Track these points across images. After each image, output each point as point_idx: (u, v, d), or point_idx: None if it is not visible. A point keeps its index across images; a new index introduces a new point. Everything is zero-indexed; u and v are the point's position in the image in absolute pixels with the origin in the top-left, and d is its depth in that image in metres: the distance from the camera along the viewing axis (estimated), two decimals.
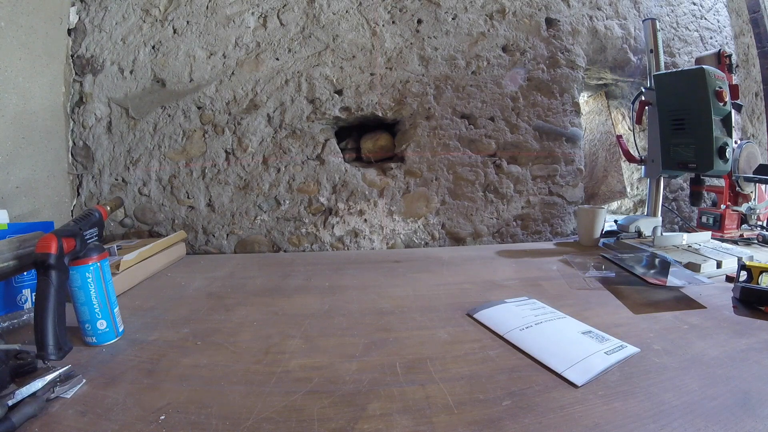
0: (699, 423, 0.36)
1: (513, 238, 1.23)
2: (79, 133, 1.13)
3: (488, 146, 1.20)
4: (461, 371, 0.47)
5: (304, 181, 1.15)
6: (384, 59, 1.16)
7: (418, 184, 1.18)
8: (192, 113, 1.14)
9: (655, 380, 0.43)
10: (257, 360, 0.50)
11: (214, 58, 1.13)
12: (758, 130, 1.45)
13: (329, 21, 1.14)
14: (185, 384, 0.45)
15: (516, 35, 1.21)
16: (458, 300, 0.70)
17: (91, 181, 1.15)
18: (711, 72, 0.91)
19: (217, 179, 1.15)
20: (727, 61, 1.06)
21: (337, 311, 0.66)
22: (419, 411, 0.39)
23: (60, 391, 0.42)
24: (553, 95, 1.23)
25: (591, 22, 1.27)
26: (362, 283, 0.81)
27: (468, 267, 0.92)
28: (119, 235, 1.16)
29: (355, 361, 0.49)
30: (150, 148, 1.14)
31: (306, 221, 1.16)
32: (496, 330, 0.57)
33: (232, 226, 1.16)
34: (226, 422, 0.38)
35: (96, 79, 1.12)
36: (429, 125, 1.18)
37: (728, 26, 1.48)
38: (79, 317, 0.54)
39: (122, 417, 0.39)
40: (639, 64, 1.33)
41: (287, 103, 1.14)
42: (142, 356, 0.52)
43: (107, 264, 0.57)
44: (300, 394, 0.42)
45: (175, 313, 0.67)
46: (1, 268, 0.53)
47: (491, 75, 1.20)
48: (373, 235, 1.18)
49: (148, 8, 1.13)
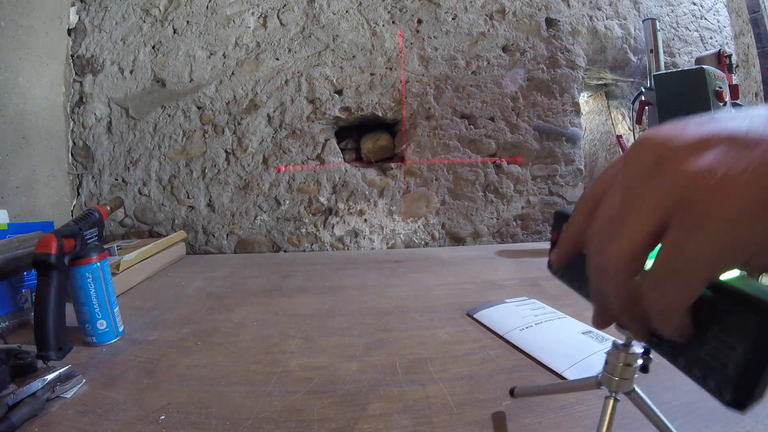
0: (699, 423, 0.36)
1: (513, 238, 1.23)
2: (79, 133, 1.13)
3: (488, 146, 1.20)
4: (461, 371, 0.47)
5: (304, 181, 1.15)
6: (384, 59, 1.16)
7: (418, 184, 1.18)
8: (192, 113, 1.14)
9: (655, 380, 0.43)
10: (257, 360, 0.50)
11: (214, 58, 1.13)
12: None
13: (329, 21, 1.14)
14: (185, 384, 0.45)
15: (516, 35, 1.21)
16: (458, 300, 0.70)
17: (91, 181, 1.15)
18: (711, 72, 0.91)
19: (217, 179, 1.15)
20: (727, 61, 1.06)
21: (337, 311, 0.66)
22: (419, 411, 0.39)
23: (60, 391, 0.42)
24: (553, 95, 1.23)
25: (591, 22, 1.27)
26: (362, 283, 0.81)
27: (468, 267, 0.92)
28: (119, 235, 1.16)
29: (355, 361, 0.49)
30: (150, 148, 1.14)
31: (306, 221, 1.16)
32: (496, 330, 0.57)
33: (232, 226, 1.16)
34: (226, 422, 0.38)
35: (96, 79, 1.12)
36: (429, 125, 1.18)
37: (728, 26, 1.48)
38: (79, 317, 0.54)
39: (122, 417, 0.39)
40: (639, 64, 1.33)
41: (287, 103, 1.14)
42: (142, 356, 0.52)
43: (107, 264, 0.57)
44: (300, 394, 0.42)
45: (175, 313, 0.67)
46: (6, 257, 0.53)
47: (491, 75, 1.20)
48: (373, 235, 1.18)
49: (148, 8, 1.13)
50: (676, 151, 0.17)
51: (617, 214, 0.19)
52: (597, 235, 0.20)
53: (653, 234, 0.17)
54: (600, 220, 0.20)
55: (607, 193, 0.20)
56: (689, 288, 0.17)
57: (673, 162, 0.17)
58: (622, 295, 0.19)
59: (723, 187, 0.15)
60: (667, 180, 0.17)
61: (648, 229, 0.17)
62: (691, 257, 0.16)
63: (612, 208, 0.19)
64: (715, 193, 0.15)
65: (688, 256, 0.16)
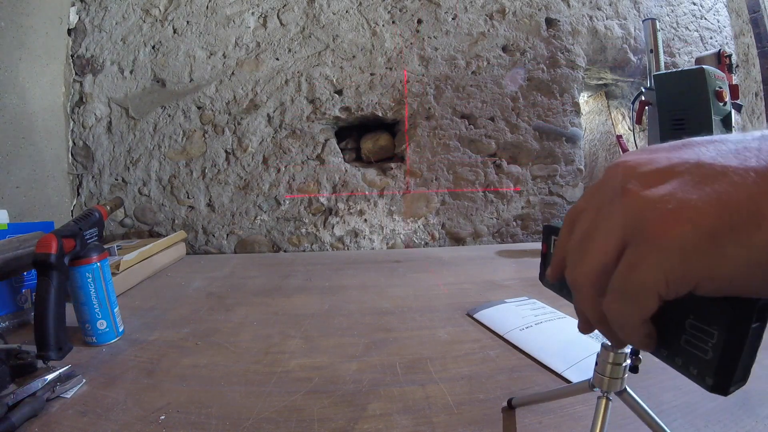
0: (699, 423, 0.36)
1: (513, 238, 1.23)
2: (79, 133, 1.13)
3: (488, 146, 1.20)
4: (461, 371, 0.47)
5: (304, 181, 1.15)
6: (384, 59, 1.16)
7: (418, 184, 1.18)
8: (192, 113, 1.14)
9: (655, 380, 0.43)
10: (257, 360, 0.50)
11: (214, 58, 1.13)
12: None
13: (329, 21, 1.14)
14: (185, 384, 0.45)
15: (516, 35, 1.21)
16: (458, 300, 0.70)
17: (91, 181, 1.15)
18: (711, 72, 0.91)
19: (217, 179, 1.15)
20: (727, 61, 1.06)
21: (337, 311, 0.66)
22: (419, 411, 0.39)
23: (60, 391, 0.42)
24: (553, 95, 1.23)
25: (591, 22, 1.27)
26: (362, 283, 0.81)
27: (468, 267, 0.92)
28: (119, 235, 1.16)
29: (355, 361, 0.49)
30: (150, 148, 1.14)
31: (306, 221, 1.16)
32: (496, 330, 0.57)
33: (232, 226, 1.16)
34: (226, 422, 0.38)
35: (96, 79, 1.12)
36: (429, 125, 1.18)
37: (728, 26, 1.48)
38: (79, 317, 0.54)
39: (122, 417, 0.39)
40: (639, 64, 1.33)
41: (287, 103, 1.14)
42: (142, 356, 0.52)
43: (107, 264, 0.57)
44: (300, 394, 0.42)
45: (175, 313, 0.67)
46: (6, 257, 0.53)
47: (491, 75, 1.20)
48: (373, 235, 1.18)
49: (148, 8, 1.12)
50: (641, 176, 0.18)
51: (587, 233, 0.20)
52: (570, 253, 0.21)
53: (615, 254, 0.18)
54: (574, 238, 0.21)
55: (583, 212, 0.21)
56: (642, 306, 0.18)
57: (636, 187, 0.18)
58: (595, 309, 0.20)
59: (673, 217, 0.16)
60: (629, 204, 0.18)
61: (609, 249, 0.18)
62: (641, 280, 0.17)
63: (582, 228, 0.21)
64: (666, 222, 0.16)
65: (640, 279, 0.17)
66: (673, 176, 0.17)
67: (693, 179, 0.16)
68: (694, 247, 0.15)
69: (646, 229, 0.17)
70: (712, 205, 0.15)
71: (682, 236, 0.16)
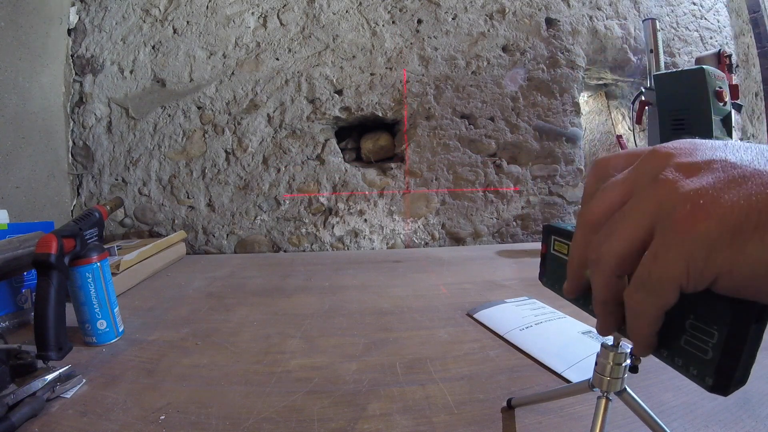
0: (699, 423, 0.36)
1: (513, 238, 1.23)
2: (79, 133, 1.13)
3: (488, 146, 1.20)
4: (461, 371, 0.47)
5: (304, 181, 1.15)
6: (384, 59, 1.16)
7: (418, 184, 1.18)
8: (192, 113, 1.14)
9: (655, 380, 0.43)
10: (257, 360, 0.50)
11: (214, 58, 1.13)
12: (758, 130, 1.45)
13: (329, 21, 1.14)
14: (185, 384, 0.45)
15: (516, 35, 1.21)
16: (458, 300, 0.70)
17: (91, 181, 1.15)
18: (711, 72, 0.91)
19: (217, 179, 1.15)
20: (727, 61, 1.06)
21: (337, 311, 0.66)
22: (419, 411, 0.39)
23: (60, 391, 0.42)
24: (553, 95, 1.23)
25: (591, 22, 1.27)
26: (362, 283, 0.81)
27: (468, 267, 0.92)
28: (119, 235, 1.16)
29: (355, 361, 0.49)
30: (150, 148, 1.14)
31: (306, 221, 1.16)
32: (496, 330, 0.57)
33: (232, 226, 1.16)
34: (226, 422, 0.38)
35: (96, 79, 1.12)
36: (429, 125, 1.18)
37: (728, 26, 1.48)
38: (79, 317, 0.54)
39: (122, 417, 0.39)
40: (639, 64, 1.33)
41: (287, 103, 1.14)
42: (142, 356, 0.52)
43: (107, 264, 0.57)
44: (300, 394, 0.42)
45: (175, 313, 0.66)
46: (6, 257, 0.53)
47: (491, 75, 1.20)
48: (373, 235, 1.18)
49: (148, 8, 1.13)
50: (679, 167, 0.18)
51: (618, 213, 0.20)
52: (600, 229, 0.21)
53: (642, 240, 0.18)
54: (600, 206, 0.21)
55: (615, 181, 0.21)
56: (662, 297, 0.18)
57: (672, 176, 0.18)
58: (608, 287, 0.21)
59: (703, 212, 0.16)
60: (661, 192, 0.18)
61: (637, 235, 0.18)
62: (663, 270, 0.17)
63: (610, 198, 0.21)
64: (695, 216, 0.16)
65: (662, 269, 0.17)
66: (709, 171, 0.17)
67: (727, 177, 0.17)
68: (717, 241, 0.16)
69: (675, 220, 0.17)
70: (741, 203, 0.16)
71: (707, 231, 0.16)
